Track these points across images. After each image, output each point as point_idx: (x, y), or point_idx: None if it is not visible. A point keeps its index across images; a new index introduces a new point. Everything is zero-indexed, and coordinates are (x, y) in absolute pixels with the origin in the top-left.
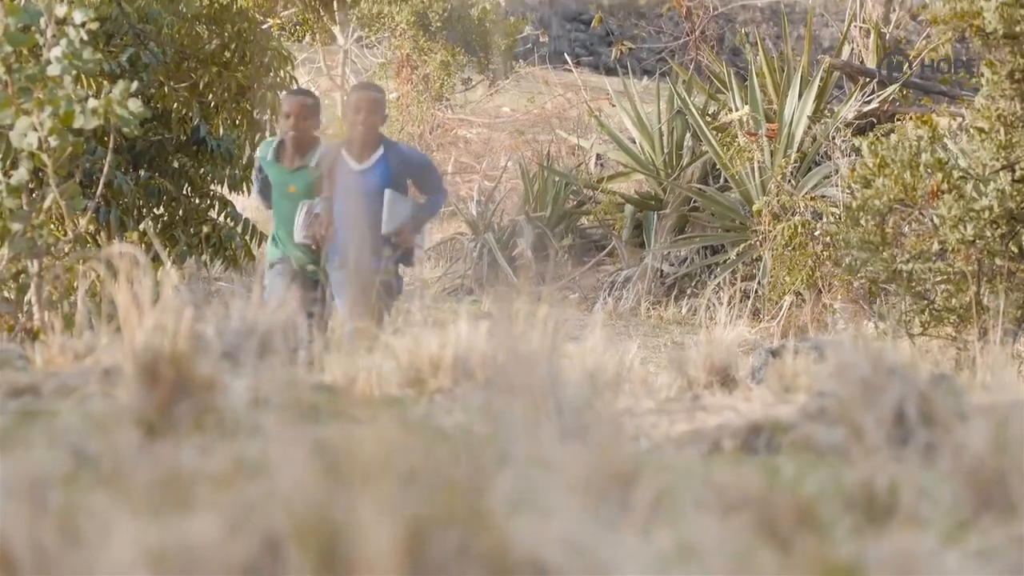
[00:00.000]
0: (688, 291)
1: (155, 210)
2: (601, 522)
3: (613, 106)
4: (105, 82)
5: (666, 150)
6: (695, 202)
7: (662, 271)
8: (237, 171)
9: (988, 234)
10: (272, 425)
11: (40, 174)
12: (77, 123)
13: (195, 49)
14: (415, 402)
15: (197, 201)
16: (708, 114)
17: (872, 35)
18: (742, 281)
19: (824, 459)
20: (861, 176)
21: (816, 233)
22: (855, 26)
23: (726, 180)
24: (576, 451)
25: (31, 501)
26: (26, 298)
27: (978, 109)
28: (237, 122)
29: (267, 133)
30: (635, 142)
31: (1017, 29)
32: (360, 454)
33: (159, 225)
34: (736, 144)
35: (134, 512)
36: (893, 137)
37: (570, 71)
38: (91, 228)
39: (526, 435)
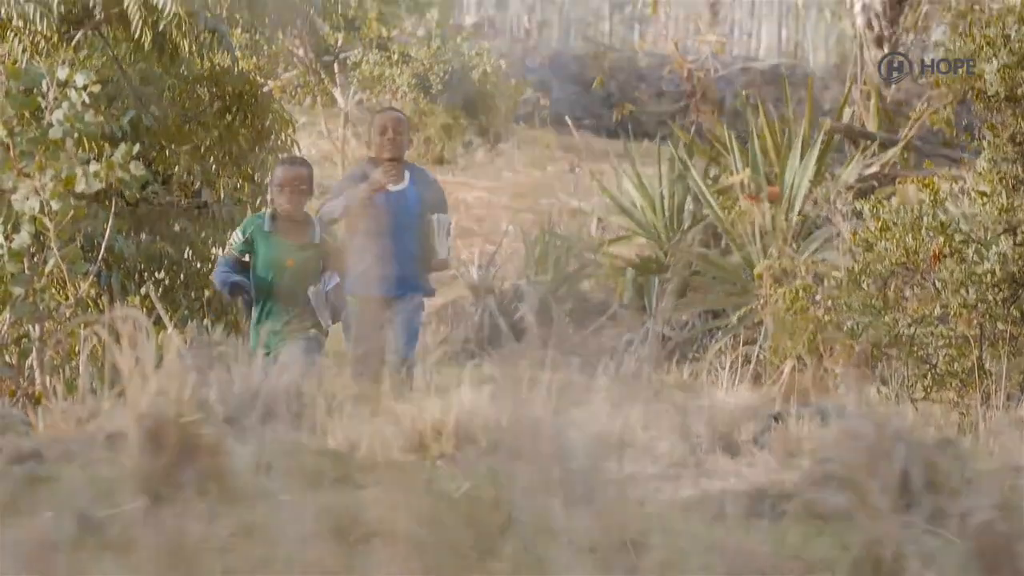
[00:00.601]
0: (690, 355)
1: (156, 274)
2: None
3: (614, 169)
4: (107, 145)
5: (667, 213)
6: (696, 266)
7: (664, 335)
8: None
9: (990, 298)
10: (277, 490)
11: (42, 238)
12: (79, 186)
13: (196, 112)
14: (418, 467)
15: (199, 265)
16: (709, 177)
17: (873, 98)
18: (744, 345)
19: (829, 524)
20: (863, 239)
21: (818, 297)
22: (856, 88)
23: (727, 243)
24: (582, 516)
25: (37, 566)
26: (28, 362)
27: (980, 172)
28: (238, 186)
29: (269, 196)
30: (636, 205)
31: (1018, 92)
32: (365, 519)
33: (160, 289)
34: (737, 207)
35: None
36: (895, 200)
37: (571, 134)
38: (92, 292)
39: (532, 500)
